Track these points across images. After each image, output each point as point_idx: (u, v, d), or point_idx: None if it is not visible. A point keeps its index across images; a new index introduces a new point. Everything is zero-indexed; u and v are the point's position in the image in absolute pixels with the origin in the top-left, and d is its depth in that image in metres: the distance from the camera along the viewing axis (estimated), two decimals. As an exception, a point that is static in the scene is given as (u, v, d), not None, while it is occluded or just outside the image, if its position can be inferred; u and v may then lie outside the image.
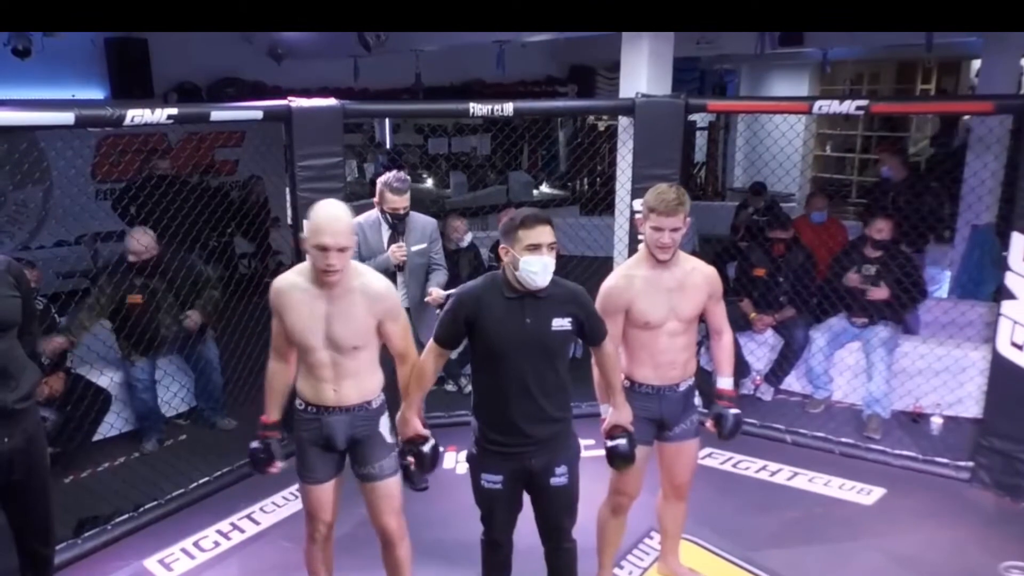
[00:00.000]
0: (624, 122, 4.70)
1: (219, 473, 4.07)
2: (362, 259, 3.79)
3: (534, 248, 2.42)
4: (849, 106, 4.20)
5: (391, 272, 3.83)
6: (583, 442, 4.34)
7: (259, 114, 3.93)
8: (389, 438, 2.74)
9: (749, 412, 4.75)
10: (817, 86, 11.10)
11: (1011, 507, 3.86)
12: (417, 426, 2.71)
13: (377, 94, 9.22)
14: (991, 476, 3.98)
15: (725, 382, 2.97)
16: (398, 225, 3.89)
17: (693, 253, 3.21)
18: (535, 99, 9.78)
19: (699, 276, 2.85)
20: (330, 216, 2.50)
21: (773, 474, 4.24)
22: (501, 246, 2.51)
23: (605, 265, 4.19)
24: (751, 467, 4.30)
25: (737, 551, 3.50)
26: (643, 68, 4.75)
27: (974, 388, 4.45)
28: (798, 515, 3.83)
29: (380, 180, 3.85)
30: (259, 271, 7.01)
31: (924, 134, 10.69)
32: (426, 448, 2.71)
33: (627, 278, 2.81)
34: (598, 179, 10.22)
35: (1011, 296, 3.83)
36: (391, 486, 2.74)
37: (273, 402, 2.78)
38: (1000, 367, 3.92)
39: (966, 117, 8.06)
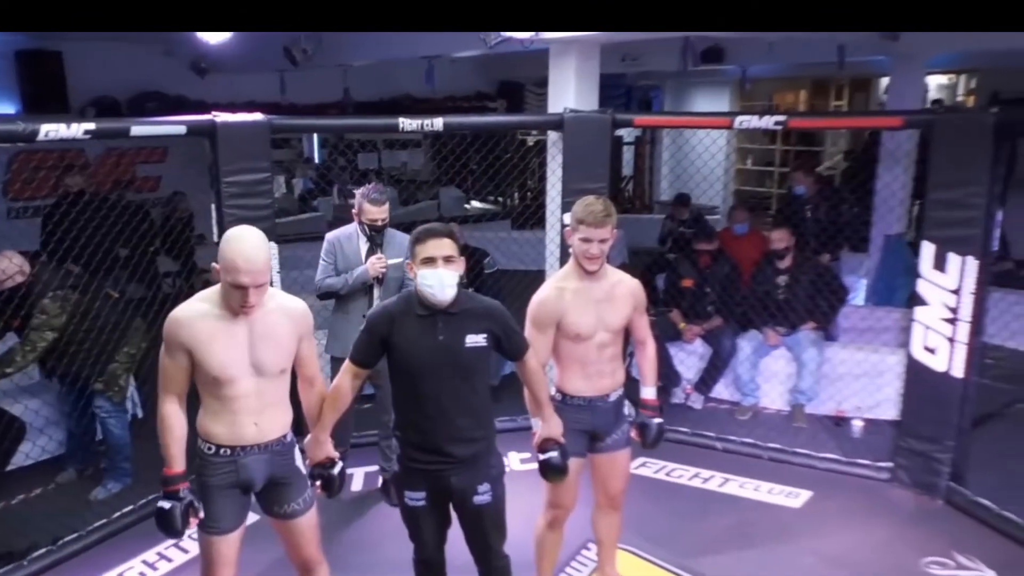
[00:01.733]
0: (553, 137, 4.73)
1: (144, 501, 3.89)
2: (338, 272, 3.80)
3: (429, 262, 2.41)
4: (768, 121, 4.34)
5: (368, 285, 3.78)
6: (520, 455, 4.39)
7: (182, 129, 3.81)
8: (304, 470, 2.64)
9: (681, 420, 4.85)
10: (737, 102, 11.45)
11: (929, 504, 4.01)
12: (329, 449, 2.64)
13: (305, 109, 9.09)
14: (910, 475, 4.13)
15: (649, 392, 3.03)
16: (376, 237, 3.82)
17: (623, 266, 3.24)
18: (465, 114, 9.81)
19: (625, 288, 2.89)
20: (247, 253, 2.32)
21: (705, 481, 4.30)
22: (407, 263, 2.53)
23: (538, 278, 4.18)
24: (684, 475, 4.35)
25: (673, 559, 3.53)
26: (571, 84, 4.80)
27: (892, 391, 4.61)
28: (731, 521, 3.90)
29: (358, 192, 3.82)
30: (184, 290, 6.79)
31: (839, 148, 11.12)
32: (335, 471, 2.65)
33: (558, 290, 2.82)
34: (529, 193, 10.27)
35: (923, 302, 4.00)
36: (313, 517, 2.64)
37: (176, 449, 2.47)
38: (914, 371, 4.08)
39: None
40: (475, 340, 2.48)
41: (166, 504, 2.45)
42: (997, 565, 3.47)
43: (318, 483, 2.64)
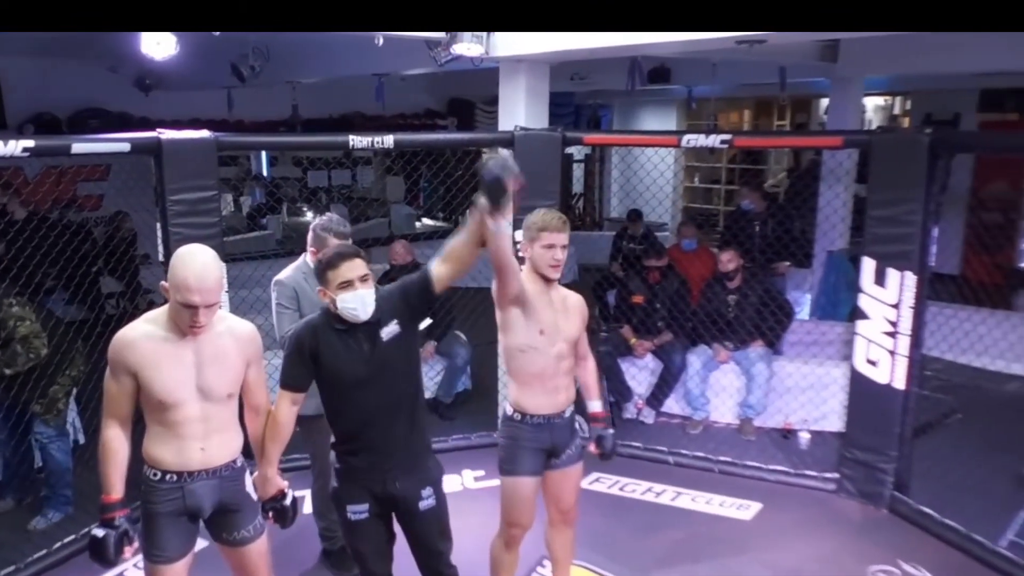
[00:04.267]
0: (504, 154, 4.74)
1: (86, 531, 3.73)
2: (303, 316, 3.29)
3: (346, 285, 2.39)
4: (714, 140, 4.42)
5: None
6: (474, 473, 4.36)
7: (126, 146, 3.72)
8: (254, 495, 2.57)
9: (633, 435, 4.89)
10: (684, 121, 11.68)
11: (875, 514, 4.10)
12: (279, 482, 2.59)
13: (253, 126, 8.98)
14: (855, 485, 4.22)
15: (596, 405, 3.04)
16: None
17: (573, 283, 3.26)
18: (415, 132, 9.80)
19: (574, 301, 2.92)
20: (198, 273, 2.26)
21: (658, 495, 4.33)
22: (318, 289, 2.47)
23: (490, 296, 4.19)
24: (637, 489, 4.38)
25: (627, 573, 3.54)
26: (521, 102, 4.84)
27: (837, 404, 4.72)
28: (683, 534, 3.93)
29: (318, 226, 3.34)
30: (128, 311, 6.61)
31: (782, 166, 11.41)
32: (287, 502, 2.60)
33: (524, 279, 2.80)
34: (480, 211, 10.26)
35: (864, 316, 4.10)
36: (264, 543, 2.58)
37: (116, 476, 2.38)
38: (858, 383, 4.18)
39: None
40: (390, 331, 2.47)
41: (100, 532, 2.36)
42: (940, 572, 3.56)
43: (270, 517, 2.58)
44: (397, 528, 2.66)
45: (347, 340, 2.45)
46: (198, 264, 2.29)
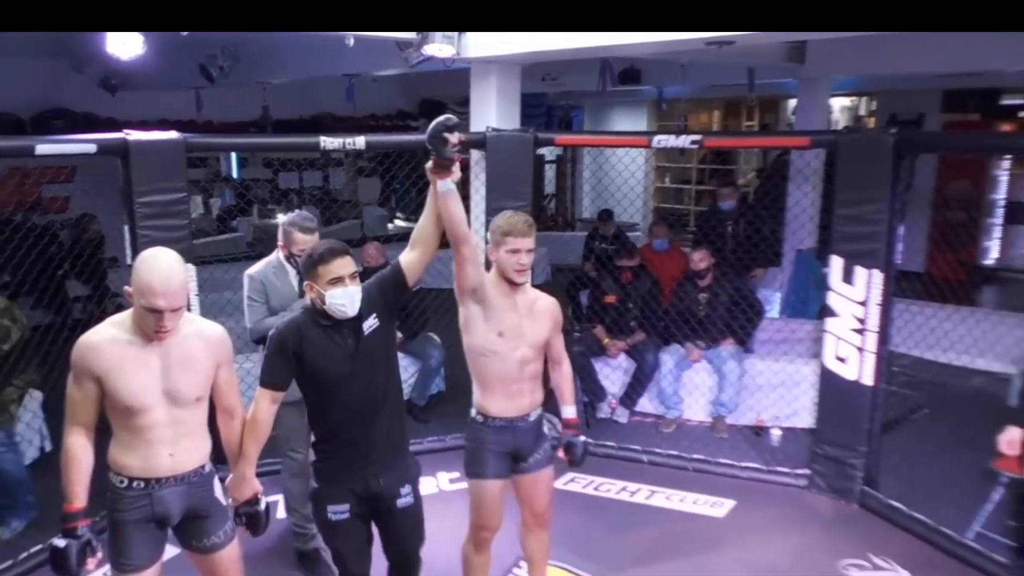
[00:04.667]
0: (476, 155, 4.74)
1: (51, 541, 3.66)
2: (273, 312, 3.41)
3: (336, 281, 2.41)
4: (685, 140, 4.45)
5: None
6: (449, 475, 4.34)
7: (92, 147, 3.65)
8: (224, 501, 2.53)
9: (608, 435, 4.90)
10: (654, 122, 11.75)
11: (845, 509, 4.15)
12: (255, 484, 2.55)
13: (222, 127, 8.87)
14: (826, 481, 4.27)
15: (570, 410, 3.01)
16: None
17: (546, 283, 3.26)
18: (387, 133, 9.75)
19: (545, 305, 2.88)
20: (163, 276, 2.22)
21: (633, 494, 4.34)
22: (306, 283, 2.47)
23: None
24: (612, 489, 4.39)
25: (603, 573, 3.55)
26: (492, 103, 4.83)
27: (807, 400, 4.77)
28: (658, 532, 3.94)
29: (284, 221, 3.46)
30: (96, 315, 6.49)
31: (751, 166, 11.54)
32: (260, 507, 2.56)
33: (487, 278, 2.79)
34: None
35: (833, 314, 4.15)
36: (235, 550, 2.54)
37: (79, 484, 2.32)
38: (827, 380, 4.23)
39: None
40: (370, 325, 2.49)
41: (61, 543, 2.30)
42: (910, 565, 3.61)
43: (242, 523, 2.53)
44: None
45: (332, 336, 2.46)
46: (162, 267, 2.25)
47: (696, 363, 5.17)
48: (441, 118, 2.38)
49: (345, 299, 2.41)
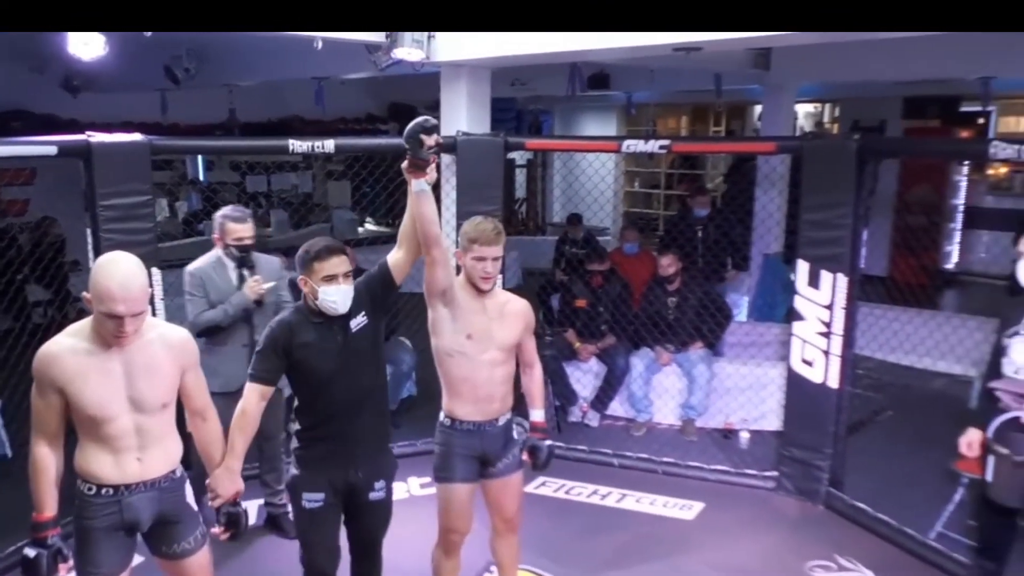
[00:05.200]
0: (446, 159, 4.72)
1: (12, 549, 3.55)
2: (212, 305, 3.55)
3: (330, 279, 2.48)
4: (653, 145, 4.48)
5: (249, 312, 3.59)
6: (420, 480, 4.32)
7: (53, 149, 3.58)
8: (194, 506, 2.50)
9: (579, 439, 4.91)
10: (624, 127, 11.82)
11: (812, 510, 4.19)
12: (239, 483, 2.53)
13: (188, 130, 8.76)
14: (793, 483, 4.31)
15: (538, 414, 2.99)
16: (245, 259, 3.64)
17: (518, 287, 3.26)
18: (356, 136, 9.69)
19: (515, 307, 2.87)
20: (122, 281, 2.18)
21: (604, 497, 4.35)
22: (300, 277, 2.54)
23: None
24: (583, 492, 4.39)
25: (574, 576, 3.55)
26: (462, 107, 4.82)
27: (775, 403, 4.81)
28: (629, 536, 3.95)
29: (217, 215, 3.62)
30: (57, 320, 6.35)
31: (719, 171, 11.65)
32: (242, 508, 2.54)
33: (456, 282, 2.78)
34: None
35: (800, 318, 4.20)
36: (205, 555, 2.50)
37: (48, 494, 2.30)
38: (794, 382, 4.28)
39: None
40: (358, 322, 2.57)
41: (31, 552, 2.29)
42: (874, 565, 3.66)
43: (223, 523, 2.50)
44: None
45: (323, 333, 2.54)
46: (121, 272, 2.20)
47: (666, 366, 5.20)
48: (419, 119, 2.41)
49: (338, 296, 2.48)
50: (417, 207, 2.50)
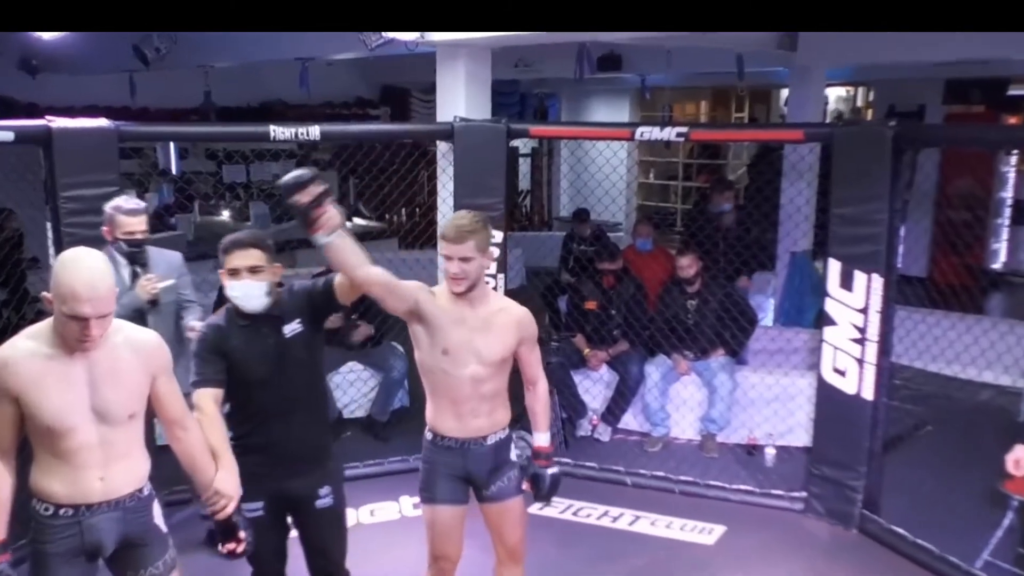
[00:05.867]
0: (443, 148, 4.72)
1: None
2: None
3: (234, 273, 2.60)
4: (670, 133, 4.47)
5: (142, 313, 3.56)
6: (413, 499, 4.30)
7: (10, 135, 3.59)
8: (163, 527, 2.50)
9: (588, 455, 4.90)
10: (637, 112, 11.81)
11: (844, 535, 4.17)
12: (238, 484, 2.54)
13: (159, 114, 8.76)
14: (823, 505, 4.29)
15: (542, 438, 2.96)
16: (137, 256, 3.63)
17: (521, 288, 3.25)
18: (344, 122, 9.69)
19: (509, 317, 2.82)
20: (88, 280, 2.17)
21: (615, 520, 4.34)
22: (220, 271, 2.67)
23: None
24: (592, 514, 4.38)
25: (582, 608, 3.54)
26: (461, 90, 4.81)
27: (803, 416, 4.80)
28: (643, 561, 3.94)
29: (107, 207, 3.61)
30: (14, 323, 6.34)
31: (741, 161, 11.64)
32: (241, 517, 2.56)
33: (430, 292, 2.78)
34: (417, 210, 10.23)
35: (831, 322, 4.18)
36: None
37: (1, 516, 2.29)
38: (825, 394, 4.26)
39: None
40: (292, 328, 2.68)
41: None
42: (912, 595, 3.64)
43: (243, 527, 2.53)
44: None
45: (250, 335, 2.66)
46: (86, 270, 2.19)
47: (684, 376, 5.19)
48: (290, 176, 2.48)
49: (238, 292, 2.61)
50: (330, 260, 2.55)
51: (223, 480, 2.51)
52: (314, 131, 4.26)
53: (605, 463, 4.83)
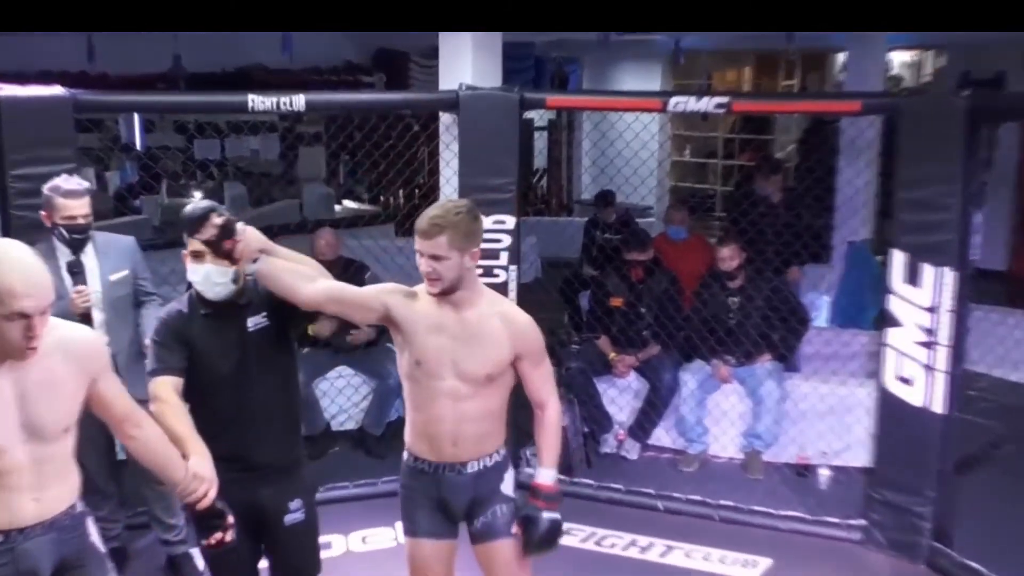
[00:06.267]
0: (446, 120, 4.72)
1: None
2: None
3: (196, 255, 2.67)
4: (708, 103, 4.44)
5: (87, 318, 3.54)
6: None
7: (-49, 106, 3.63)
8: (102, 547, 2.53)
9: (613, 475, 4.90)
10: (670, 80, 11.78)
11: (910, 569, 4.16)
12: (213, 471, 2.57)
13: (121, 81, 8.78)
14: (885, 534, 4.28)
15: (544, 475, 2.81)
16: (79, 244, 3.60)
17: (536, 282, 3.24)
18: (333, 90, 9.70)
19: (501, 325, 2.73)
20: (23, 271, 2.16)
21: (644, 550, 4.34)
22: (183, 253, 2.73)
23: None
24: (618, 543, 4.38)
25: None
26: (467, 55, 4.80)
27: (862, 432, 4.78)
28: (676, 599, 3.95)
29: (45, 188, 3.57)
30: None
31: (791, 136, 11.59)
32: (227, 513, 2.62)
33: (410, 293, 2.77)
34: (417, 191, 10.25)
35: (895, 323, 4.17)
36: None
37: None
38: (887, 406, 4.25)
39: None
40: (257, 322, 2.76)
41: None
42: (989, 639, 3.63)
43: (225, 515, 2.59)
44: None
45: (211, 326, 2.74)
46: (16, 261, 2.18)
47: (725, 384, 5.18)
48: (185, 212, 2.68)
49: (198, 276, 2.68)
50: (266, 287, 2.71)
51: (197, 464, 2.55)
52: (298, 101, 4.26)
53: (633, 485, 4.82)
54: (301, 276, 2.70)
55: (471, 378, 2.71)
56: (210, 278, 2.66)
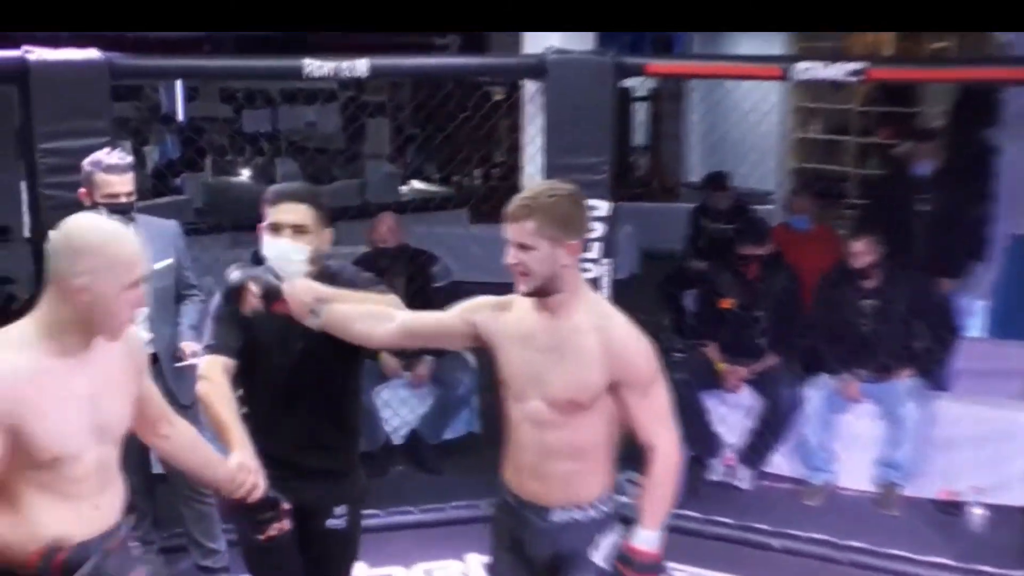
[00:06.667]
0: (531, 89, 4.73)
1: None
2: None
3: (274, 229, 2.80)
4: (839, 70, 4.37)
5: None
6: (484, 558, 4.32)
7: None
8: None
9: (723, 507, 4.89)
10: (795, 43, 11.60)
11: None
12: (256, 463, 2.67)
13: (160, 44, 8.99)
14: (1053, 588, 4.17)
15: (643, 537, 2.60)
16: (123, 222, 3.71)
17: (632, 277, 3.22)
18: (399, 54, 9.80)
19: (596, 340, 2.56)
20: (129, 235, 2.26)
21: (758, 598, 4.32)
22: (261, 226, 2.87)
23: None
24: (725, 587, 4.37)
25: None
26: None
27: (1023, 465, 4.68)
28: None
29: (85, 163, 3.68)
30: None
31: (939, 109, 11.31)
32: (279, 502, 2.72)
33: (501, 304, 2.71)
34: (496, 170, 10.31)
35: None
36: None
37: None
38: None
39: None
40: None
41: None
42: None
43: (277, 505, 2.69)
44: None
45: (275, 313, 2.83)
46: (118, 229, 2.29)
47: (856, 403, 5.12)
48: (227, 285, 2.81)
49: (273, 252, 2.80)
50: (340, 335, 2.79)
51: (242, 455, 2.64)
52: (361, 65, 4.30)
53: (745, 519, 4.80)
54: (371, 317, 2.75)
55: (556, 402, 2.57)
56: (287, 254, 2.79)
